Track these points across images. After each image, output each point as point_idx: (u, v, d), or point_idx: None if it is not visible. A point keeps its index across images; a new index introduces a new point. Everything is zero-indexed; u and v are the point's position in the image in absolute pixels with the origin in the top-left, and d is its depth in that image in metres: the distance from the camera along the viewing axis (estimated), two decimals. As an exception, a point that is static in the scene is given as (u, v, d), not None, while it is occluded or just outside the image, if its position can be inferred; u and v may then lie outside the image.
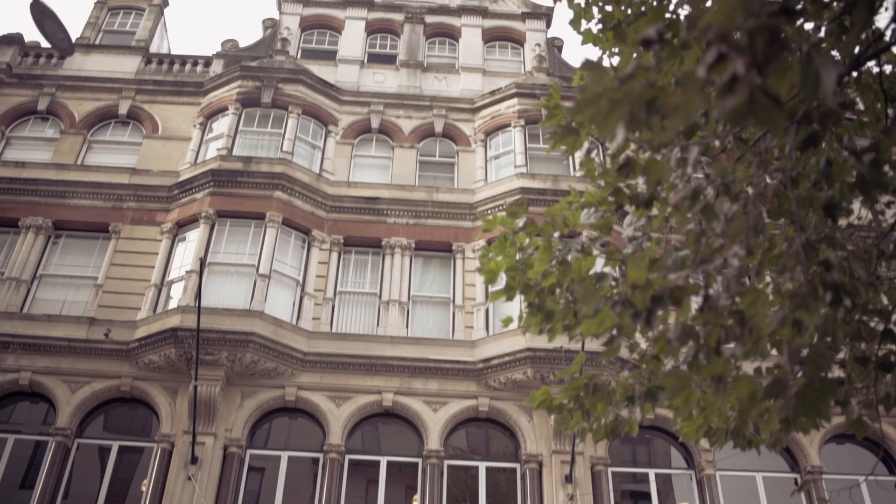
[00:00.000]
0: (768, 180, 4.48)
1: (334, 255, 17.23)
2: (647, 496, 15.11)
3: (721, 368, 3.90)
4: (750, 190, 4.40)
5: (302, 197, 17.38)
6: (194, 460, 14.30)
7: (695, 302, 3.75)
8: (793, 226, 4.41)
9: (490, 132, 19.42)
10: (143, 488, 14.38)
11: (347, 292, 17.04)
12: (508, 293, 6.50)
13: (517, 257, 6.65)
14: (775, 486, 15.37)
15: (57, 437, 14.74)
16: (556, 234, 6.25)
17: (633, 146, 5.12)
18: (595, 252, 5.98)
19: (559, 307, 6.55)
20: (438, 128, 19.70)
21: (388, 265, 17.14)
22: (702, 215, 4.24)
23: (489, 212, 17.29)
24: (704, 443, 15.12)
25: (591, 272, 4.48)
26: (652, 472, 15.29)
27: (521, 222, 6.47)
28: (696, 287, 3.65)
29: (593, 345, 12.68)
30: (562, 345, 14.05)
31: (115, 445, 15.11)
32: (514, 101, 19.37)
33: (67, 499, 14.55)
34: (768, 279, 6.89)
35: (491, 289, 12.91)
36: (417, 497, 14.65)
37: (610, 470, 14.99)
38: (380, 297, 16.76)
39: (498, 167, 18.82)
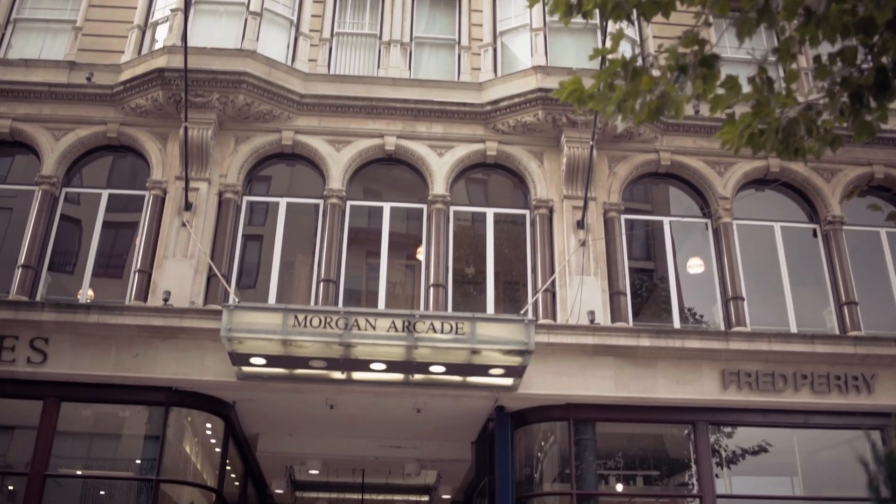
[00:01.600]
0: None
1: (330, -6, 15.95)
2: (661, 245, 14.56)
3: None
4: None
5: (293, -71, 15.88)
6: (188, 207, 13.62)
7: None
8: None
9: None
10: (137, 241, 13.75)
11: (345, 34, 15.82)
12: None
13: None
14: (793, 235, 14.81)
15: (43, 185, 13.98)
16: None
17: None
18: None
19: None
20: None
21: (389, 3, 15.86)
22: None
23: (498, -54, 15.82)
24: (722, 188, 14.46)
25: None
26: (666, 220, 14.65)
27: None
28: None
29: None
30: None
31: (105, 194, 14.38)
32: None
33: (57, 251, 13.97)
34: None
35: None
36: (422, 248, 14.05)
37: (623, 217, 14.32)
38: (380, 37, 15.59)
39: None
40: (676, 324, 13.73)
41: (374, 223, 14.52)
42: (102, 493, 13.23)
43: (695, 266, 14.60)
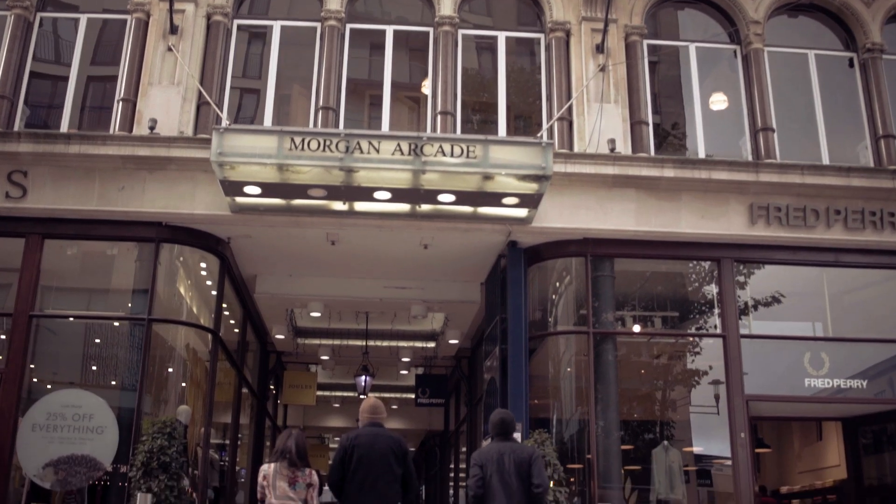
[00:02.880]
0: None
1: None
2: (686, 73, 13.45)
3: None
4: None
5: None
6: (174, 30, 12.49)
7: None
8: None
9: None
10: (120, 68, 12.66)
11: None
12: None
13: None
14: (828, 64, 13.69)
15: (15, 9, 12.76)
16: None
17: None
18: None
19: None
20: None
21: None
22: None
23: None
24: (753, 12, 13.33)
25: None
26: (692, 46, 13.48)
27: None
28: None
29: None
30: None
31: (84, 18, 13.18)
32: None
33: (35, 83, 12.91)
34: None
35: None
36: (428, 80, 12.96)
37: (645, 42, 13.19)
38: None
39: None
40: (701, 154, 12.79)
41: (375, 74, 13.34)
42: (98, 341, 12.60)
43: (718, 102, 13.54)
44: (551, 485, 10.50)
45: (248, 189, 10.95)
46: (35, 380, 11.99)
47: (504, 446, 7.64)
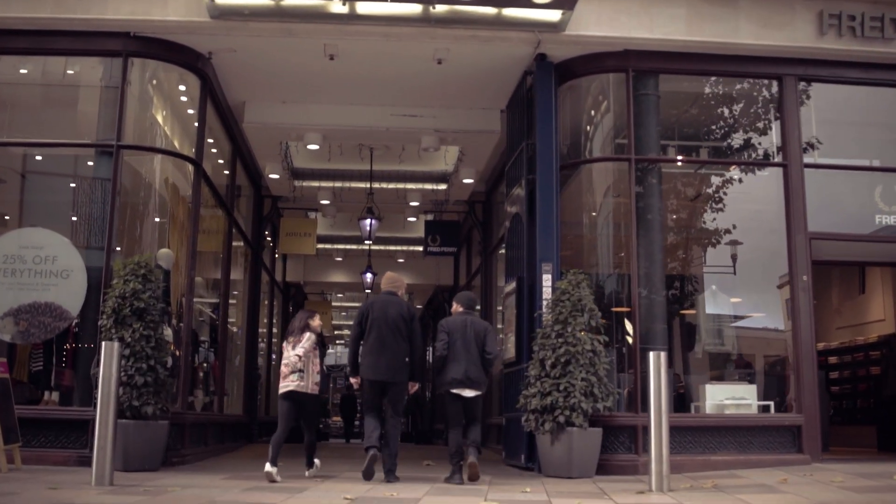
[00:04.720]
0: None
1: None
2: None
3: None
4: None
5: None
6: None
7: None
8: None
9: None
10: None
11: None
12: None
13: None
14: None
15: None
16: None
17: None
18: None
19: None
20: None
21: None
22: None
23: None
24: None
25: None
26: None
27: None
28: None
29: None
30: None
31: None
32: None
33: None
34: None
35: None
36: None
37: None
38: None
39: None
40: (763, -48, 10.91)
41: None
42: (73, 185, 11.04)
43: None
44: (582, 334, 9.12)
45: (227, -15, 9.13)
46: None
47: (468, 318, 8.94)
